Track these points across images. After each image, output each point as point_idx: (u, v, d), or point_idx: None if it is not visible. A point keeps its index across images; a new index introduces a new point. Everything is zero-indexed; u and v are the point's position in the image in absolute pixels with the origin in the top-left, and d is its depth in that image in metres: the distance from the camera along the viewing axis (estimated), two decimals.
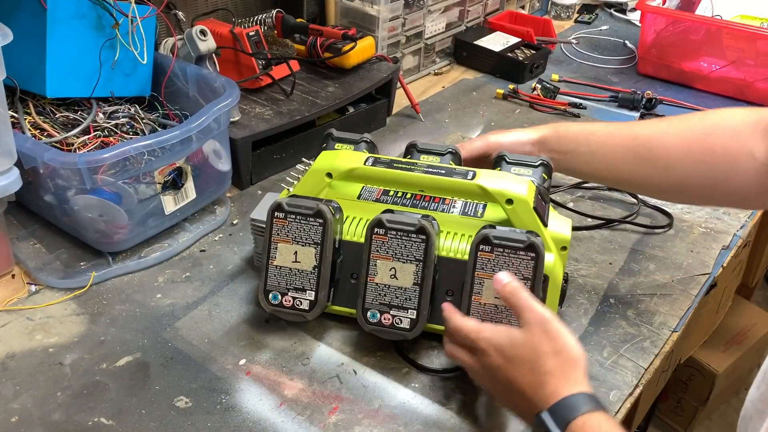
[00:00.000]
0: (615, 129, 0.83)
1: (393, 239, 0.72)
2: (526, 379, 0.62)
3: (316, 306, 0.75)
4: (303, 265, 0.75)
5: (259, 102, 1.12)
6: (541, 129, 0.86)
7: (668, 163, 0.79)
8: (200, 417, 0.70)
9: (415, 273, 0.72)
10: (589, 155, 0.83)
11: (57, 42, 0.89)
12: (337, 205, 0.76)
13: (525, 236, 0.69)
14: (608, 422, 0.58)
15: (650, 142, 0.80)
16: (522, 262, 0.69)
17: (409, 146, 0.88)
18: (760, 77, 1.37)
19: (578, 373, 0.61)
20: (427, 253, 0.71)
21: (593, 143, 0.82)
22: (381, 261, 0.73)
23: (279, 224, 0.74)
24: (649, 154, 0.79)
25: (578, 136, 0.84)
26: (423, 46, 1.43)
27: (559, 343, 0.62)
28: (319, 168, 0.80)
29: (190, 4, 1.24)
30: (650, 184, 0.82)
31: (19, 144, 0.79)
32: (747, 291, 1.82)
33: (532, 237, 0.69)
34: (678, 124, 0.80)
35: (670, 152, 0.78)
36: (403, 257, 0.72)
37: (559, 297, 0.76)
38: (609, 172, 0.83)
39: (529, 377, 0.62)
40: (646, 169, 0.80)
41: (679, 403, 1.73)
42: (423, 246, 0.71)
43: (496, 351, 0.64)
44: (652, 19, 1.48)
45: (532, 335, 0.63)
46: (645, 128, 0.82)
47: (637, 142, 0.80)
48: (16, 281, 0.87)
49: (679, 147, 0.78)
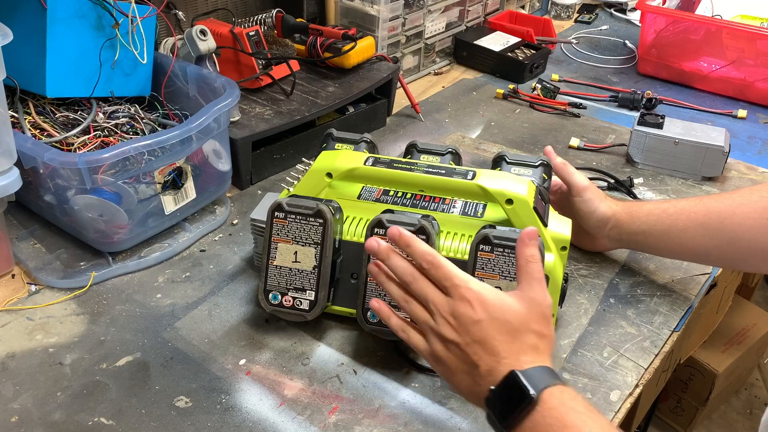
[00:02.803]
0: (687, 205, 0.83)
1: None
2: (504, 338, 0.59)
3: (316, 306, 0.75)
4: (303, 265, 0.75)
5: (259, 102, 1.12)
6: (616, 205, 0.87)
7: (740, 234, 0.78)
8: (200, 417, 0.70)
9: None
10: (661, 233, 0.83)
11: (57, 42, 0.89)
12: (337, 205, 0.76)
13: None
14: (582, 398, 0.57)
15: (721, 214, 0.80)
16: None
17: (409, 146, 0.88)
18: (760, 77, 1.37)
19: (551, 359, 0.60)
20: None
21: (665, 221, 0.83)
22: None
23: (279, 224, 0.74)
24: (720, 226, 0.80)
25: (650, 215, 0.84)
26: (423, 46, 1.43)
27: (548, 329, 0.61)
28: (319, 168, 0.80)
29: (190, 4, 1.24)
30: (722, 257, 0.82)
31: (19, 144, 0.79)
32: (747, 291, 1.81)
33: None
34: (750, 196, 0.80)
35: (743, 224, 0.78)
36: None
37: (559, 297, 0.76)
38: (681, 247, 0.83)
39: (508, 340, 0.59)
40: (715, 241, 0.80)
41: (679, 403, 1.72)
42: None
43: (481, 306, 0.60)
44: (652, 19, 1.48)
45: (529, 309, 0.60)
46: (717, 202, 0.82)
47: (708, 217, 0.81)
48: (16, 281, 0.87)
49: (753, 218, 0.78)
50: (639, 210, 0.85)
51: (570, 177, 0.88)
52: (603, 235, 0.87)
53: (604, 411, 0.72)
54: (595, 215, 0.86)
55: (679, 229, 0.82)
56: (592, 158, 1.18)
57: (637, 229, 0.84)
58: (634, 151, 1.15)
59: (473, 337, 0.60)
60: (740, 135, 1.28)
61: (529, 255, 0.62)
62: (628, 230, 0.85)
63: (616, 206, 0.86)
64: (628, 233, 0.85)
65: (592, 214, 0.86)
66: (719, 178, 1.12)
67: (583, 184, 0.87)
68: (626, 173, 1.13)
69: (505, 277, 0.70)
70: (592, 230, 0.87)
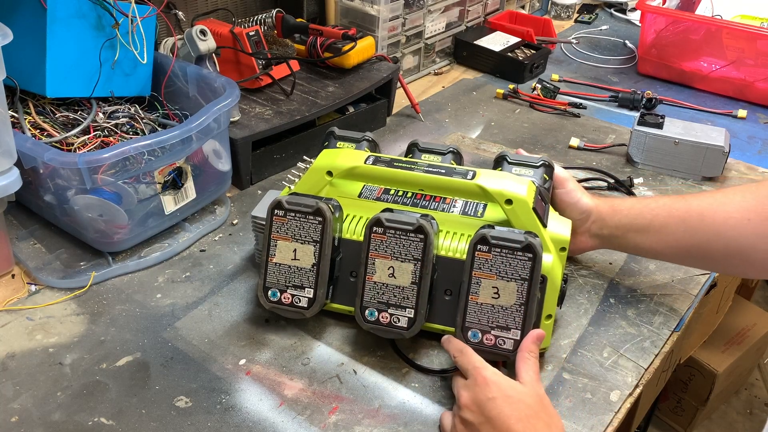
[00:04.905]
0: (669, 201, 0.82)
1: (392, 238, 0.72)
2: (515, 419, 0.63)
3: (314, 303, 0.75)
4: (302, 263, 0.75)
5: (259, 102, 1.12)
6: (595, 199, 0.86)
7: (721, 233, 0.77)
8: (200, 417, 0.70)
9: (413, 272, 0.72)
10: (642, 228, 0.82)
11: (57, 42, 0.89)
12: (336, 204, 0.77)
13: (523, 237, 0.69)
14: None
15: (702, 212, 0.78)
16: (519, 262, 0.69)
17: (410, 145, 0.88)
18: (760, 77, 1.37)
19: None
20: (425, 252, 0.72)
21: (647, 215, 0.81)
22: (379, 260, 0.73)
23: (278, 222, 0.75)
24: (701, 224, 0.78)
25: (631, 209, 0.83)
26: (423, 46, 1.43)
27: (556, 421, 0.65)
28: (320, 166, 0.80)
29: (190, 4, 1.24)
30: (702, 256, 0.80)
31: (19, 144, 0.79)
32: (747, 291, 1.82)
33: (530, 238, 0.69)
34: (734, 196, 0.78)
35: (725, 222, 0.76)
36: (401, 256, 0.72)
37: (557, 298, 0.76)
38: (660, 244, 0.81)
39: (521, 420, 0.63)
40: (695, 239, 0.78)
41: (679, 403, 1.73)
42: (421, 245, 0.71)
43: (496, 385, 0.66)
44: (652, 19, 1.48)
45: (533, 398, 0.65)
46: (699, 200, 0.80)
47: (689, 214, 0.79)
48: (16, 281, 0.87)
49: (735, 218, 0.76)
50: (621, 204, 0.85)
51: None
52: (584, 230, 0.86)
53: (604, 411, 0.73)
54: (578, 206, 0.85)
55: (659, 224, 0.80)
56: (592, 158, 1.18)
57: (618, 222, 0.83)
58: (634, 151, 1.15)
59: (487, 415, 0.64)
60: (740, 135, 1.28)
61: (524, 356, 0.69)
62: (610, 224, 0.84)
63: (598, 200, 0.86)
64: (610, 227, 0.84)
65: (575, 205, 0.85)
66: (719, 178, 1.12)
67: (564, 175, 0.87)
68: (626, 173, 1.13)
69: (502, 277, 0.70)
70: (575, 223, 0.85)
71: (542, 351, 0.77)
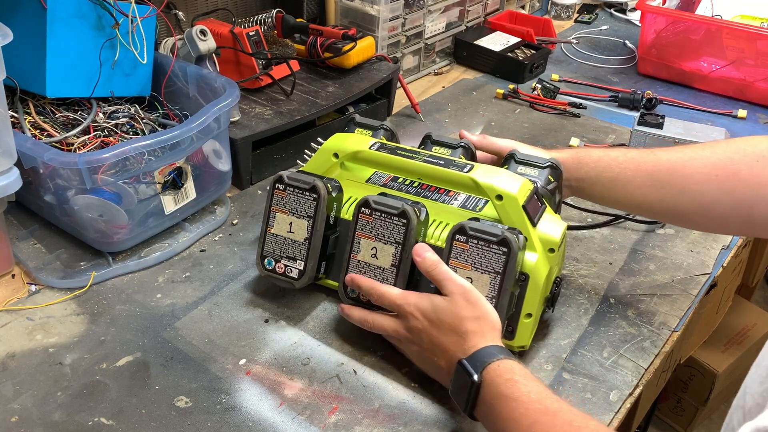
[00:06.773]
0: (637, 155, 0.81)
1: (377, 220, 0.75)
2: (448, 338, 0.68)
3: (303, 275, 0.79)
4: (296, 236, 0.79)
5: (259, 102, 1.12)
6: (563, 152, 0.85)
7: (687, 188, 0.77)
8: (200, 417, 0.70)
9: (394, 255, 0.75)
10: (608, 181, 0.81)
11: (57, 42, 0.89)
12: (336, 184, 0.80)
13: (500, 231, 0.70)
14: (519, 366, 0.64)
15: (672, 167, 0.78)
16: (494, 255, 0.71)
17: (424, 138, 0.91)
18: (760, 77, 1.37)
19: (495, 333, 0.68)
20: (406, 236, 0.74)
21: (614, 169, 0.81)
22: (364, 240, 0.76)
23: (278, 195, 0.79)
24: (669, 178, 0.78)
25: (598, 162, 0.82)
26: (423, 46, 1.43)
27: (479, 310, 0.68)
28: (328, 148, 0.84)
29: (190, 4, 1.24)
30: (666, 210, 0.80)
31: (19, 144, 0.79)
32: (747, 291, 1.81)
33: (508, 233, 0.70)
34: (702, 152, 0.78)
35: (692, 177, 0.77)
36: (384, 238, 0.75)
37: (545, 299, 0.76)
38: (626, 197, 0.81)
39: (451, 336, 0.68)
40: (662, 193, 0.78)
41: (679, 403, 1.73)
42: (403, 230, 0.74)
43: (422, 314, 0.70)
44: (652, 19, 1.48)
45: (455, 303, 0.69)
46: (669, 154, 0.80)
47: (657, 168, 0.79)
48: (16, 281, 0.87)
49: (702, 173, 0.76)
50: (587, 156, 0.83)
51: (494, 144, 0.88)
52: None
53: (604, 411, 0.73)
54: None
55: (626, 178, 0.80)
56: None
57: (584, 175, 0.82)
58: None
59: (426, 343, 0.70)
60: (740, 135, 1.27)
61: (429, 265, 0.72)
62: (576, 176, 0.83)
63: (562, 153, 0.85)
64: (576, 179, 0.83)
65: None
66: None
67: (510, 145, 0.87)
68: None
69: (477, 268, 0.72)
70: None
71: (521, 350, 0.77)
